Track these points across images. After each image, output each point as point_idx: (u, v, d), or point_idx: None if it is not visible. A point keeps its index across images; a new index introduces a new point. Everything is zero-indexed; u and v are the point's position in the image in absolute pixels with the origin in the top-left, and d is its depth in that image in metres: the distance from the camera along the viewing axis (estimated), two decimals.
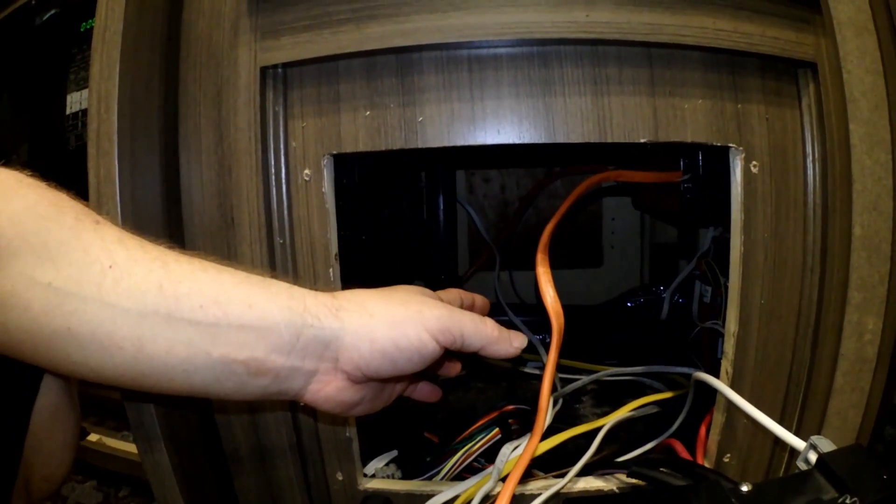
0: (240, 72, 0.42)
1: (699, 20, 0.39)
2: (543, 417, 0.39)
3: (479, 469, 0.48)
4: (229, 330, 0.29)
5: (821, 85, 0.41)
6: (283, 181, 0.43)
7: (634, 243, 0.94)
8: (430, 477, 0.48)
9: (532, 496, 0.42)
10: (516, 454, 0.44)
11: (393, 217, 0.72)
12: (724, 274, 0.54)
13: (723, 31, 0.40)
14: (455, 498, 0.43)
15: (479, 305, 0.43)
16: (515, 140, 0.41)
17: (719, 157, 0.44)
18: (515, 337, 0.37)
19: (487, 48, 0.41)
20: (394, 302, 0.34)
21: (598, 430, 0.48)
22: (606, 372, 0.66)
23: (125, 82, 0.41)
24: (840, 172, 0.41)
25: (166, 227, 0.43)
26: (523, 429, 0.50)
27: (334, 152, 0.42)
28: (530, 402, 0.51)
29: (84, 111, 0.62)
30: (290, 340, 0.31)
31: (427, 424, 0.57)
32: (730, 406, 0.43)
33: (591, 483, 0.45)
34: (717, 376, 0.45)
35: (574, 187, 0.49)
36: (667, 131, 0.41)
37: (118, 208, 0.40)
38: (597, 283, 0.93)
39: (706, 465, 0.46)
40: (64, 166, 0.63)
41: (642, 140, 0.41)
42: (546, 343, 0.63)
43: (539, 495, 0.42)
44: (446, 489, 0.44)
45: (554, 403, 0.57)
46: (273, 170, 0.43)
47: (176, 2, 0.44)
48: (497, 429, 0.49)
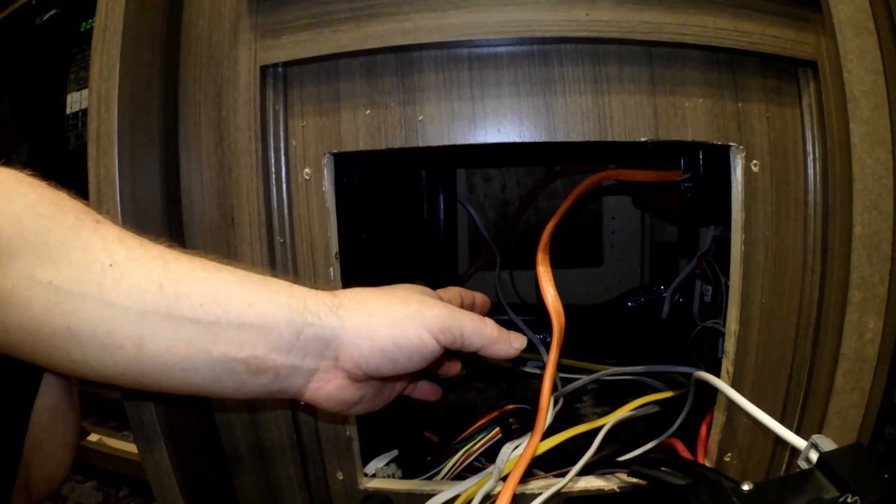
0: (240, 71, 0.42)
1: (699, 19, 0.39)
2: (544, 417, 0.39)
3: (480, 468, 0.48)
4: (229, 328, 0.29)
5: (821, 84, 0.41)
6: (284, 180, 0.43)
7: (635, 242, 0.94)
8: (431, 476, 0.48)
9: (532, 495, 0.42)
10: (517, 454, 0.44)
11: (393, 216, 0.72)
12: (725, 273, 0.54)
13: (723, 30, 0.40)
14: (455, 497, 0.43)
15: (480, 304, 0.43)
16: (516, 139, 0.41)
17: (720, 156, 0.44)
18: (515, 337, 0.37)
19: (488, 47, 0.41)
20: (394, 301, 0.34)
21: (599, 430, 0.48)
22: (607, 371, 0.66)
23: (125, 82, 0.41)
24: (840, 171, 0.41)
25: (166, 227, 0.43)
26: (524, 428, 0.50)
27: (334, 151, 0.42)
28: (531, 402, 0.51)
29: (84, 111, 0.62)
30: (291, 339, 0.31)
31: (427, 424, 0.57)
32: (730, 405, 0.43)
33: (592, 482, 0.45)
34: (718, 375, 0.44)
35: (574, 186, 0.49)
36: (667, 130, 0.41)
37: (118, 208, 0.40)
38: (597, 283, 0.93)
39: (707, 465, 0.45)
40: (64, 166, 0.63)
41: (643, 139, 0.41)
42: (546, 342, 0.63)
43: (539, 495, 0.42)
44: (447, 489, 0.44)
45: (554, 403, 0.57)
46: (273, 169, 0.43)
47: (176, 1, 0.44)
48: (497, 428, 0.49)
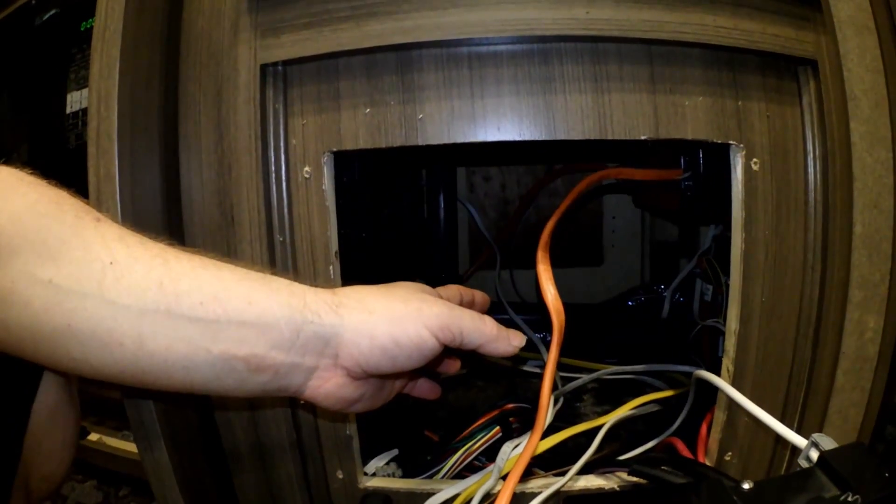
0: (240, 70, 0.42)
1: (699, 17, 0.39)
2: (544, 415, 0.39)
3: (480, 467, 0.48)
4: (229, 326, 0.29)
5: (821, 83, 0.41)
6: (284, 179, 0.43)
7: (635, 242, 0.94)
8: (431, 475, 0.48)
9: (532, 494, 0.42)
10: (517, 452, 0.44)
11: (393, 215, 0.72)
12: (725, 272, 0.54)
13: (723, 29, 0.40)
14: (455, 496, 0.43)
15: (479, 302, 0.43)
16: (516, 137, 0.41)
17: (720, 155, 0.44)
18: (514, 336, 0.37)
19: (487, 45, 0.41)
20: (393, 298, 0.34)
21: (599, 429, 0.48)
22: (607, 370, 0.66)
23: (125, 81, 0.41)
24: (841, 170, 0.41)
25: (166, 226, 0.43)
26: (524, 427, 0.50)
27: (334, 150, 0.42)
28: (531, 401, 0.51)
29: (84, 110, 0.62)
30: (291, 337, 0.31)
31: (427, 423, 0.57)
32: (731, 404, 0.43)
33: (592, 481, 0.45)
34: (719, 374, 0.44)
35: (575, 185, 0.49)
36: (667, 128, 0.41)
37: (118, 206, 0.40)
38: (597, 282, 0.93)
39: (707, 464, 0.45)
40: (64, 165, 0.63)
41: (643, 137, 0.40)
42: (547, 341, 0.63)
43: (539, 493, 0.42)
44: (447, 487, 0.44)
45: (555, 402, 0.57)
46: (273, 168, 0.43)
47: (176, 1, 0.44)
48: (498, 427, 0.49)
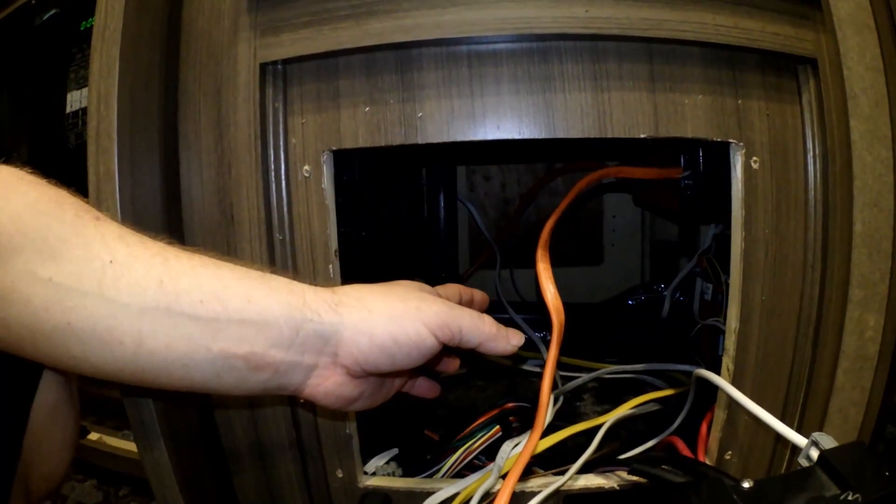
0: (239, 69, 0.42)
1: (699, 16, 0.39)
2: (544, 414, 0.39)
3: (480, 466, 0.48)
4: (229, 325, 0.29)
5: (821, 81, 0.41)
6: (283, 178, 0.43)
7: (635, 241, 0.94)
8: (431, 475, 0.48)
9: (532, 493, 0.42)
10: (517, 451, 0.44)
11: (393, 215, 0.72)
12: (725, 271, 0.54)
13: (722, 27, 0.39)
14: (455, 495, 0.43)
15: (479, 301, 0.43)
16: (515, 136, 0.41)
17: (720, 153, 0.44)
18: (513, 334, 0.37)
19: (487, 44, 0.41)
20: (393, 297, 0.34)
21: (599, 428, 0.48)
22: (607, 370, 0.66)
23: (125, 80, 0.41)
24: (841, 169, 0.41)
25: (166, 225, 0.43)
26: (524, 426, 0.50)
27: (334, 148, 0.42)
28: (531, 400, 0.51)
29: (84, 109, 0.62)
30: (290, 335, 0.31)
31: (427, 422, 0.57)
32: (731, 403, 0.43)
33: (592, 480, 0.45)
34: (719, 373, 0.44)
35: (575, 184, 0.49)
36: (667, 127, 0.41)
37: (118, 205, 0.40)
38: (597, 281, 0.93)
39: (707, 463, 0.45)
40: (64, 164, 0.63)
41: (642, 135, 0.40)
42: (547, 340, 0.63)
43: (539, 492, 0.42)
44: (446, 486, 0.44)
45: (555, 401, 0.57)
46: (273, 166, 0.43)
47: (175, 0, 0.44)
48: (497, 426, 0.49)
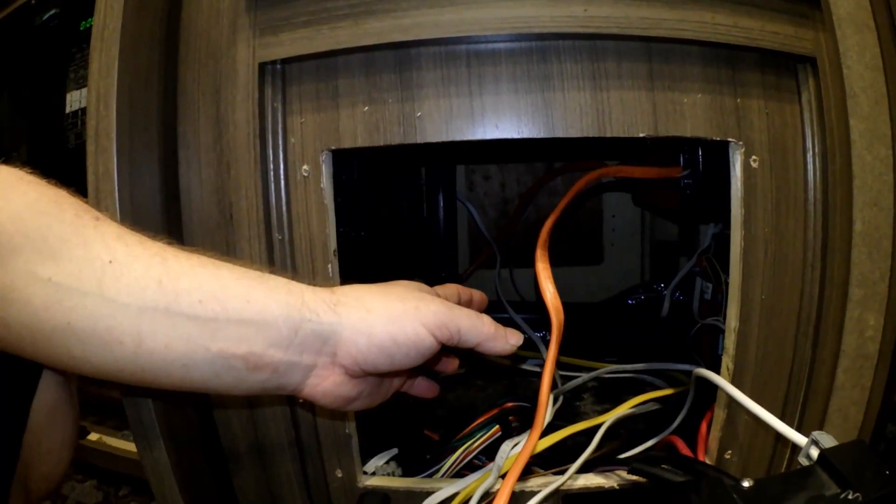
0: (238, 68, 0.42)
1: (698, 14, 0.39)
2: (543, 413, 0.39)
3: (480, 466, 0.48)
4: (228, 325, 0.29)
5: (821, 80, 0.41)
6: (282, 177, 0.43)
7: (635, 240, 0.94)
8: (430, 474, 0.48)
9: (532, 493, 0.42)
10: (516, 451, 0.44)
11: (392, 214, 0.72)
12: (725, 270, 0.54)
13: (722, 26, 0.39)
14: (455, 495, 0.43)
15: (477, 301, 0.43)
16: (514, 135, 0.41)
17: (719, 152, 0.44)
18: (512, 334, 0.37)
19: (486, 43, 0.41)
20: (391, 297, 0.34)
21: (599, 427, 0.48)
22: (607, 369, 0.66)
23: (124, 80, 0.41)
24: (840, 168, 0.41)
25: (165, 224, 0.43)
26: (523, 426, 0.50)
27: (333, 148, 0.42)
28: (530, 400, 0.51)
29: (84, 109, 0.62)
30: (289, 335, 0.31)
31: (427, 422, 0.57)
32: (731, 402, 0.43)
33: (592, 480, 0.45)
34: (718, 373, 0.44)
35: (574, 184, 0.48)
36: (666, 126, 0.41)
37: (117, 205, 0.40)
38: (597, 281, 0.93)
39: (707, 462, 0.45)
40: (64, 164, 0.63)
41: (641, 135, 0.40)
42: (546, 340, 0.63)
43: (539, 492, 0.42)
44: (446, 486, 0.44)
45: (554, 401, 0.57)
46: (272, 166, 0.43)
47: (175, 0, 0.44)
48: (497, 426, 0.49)
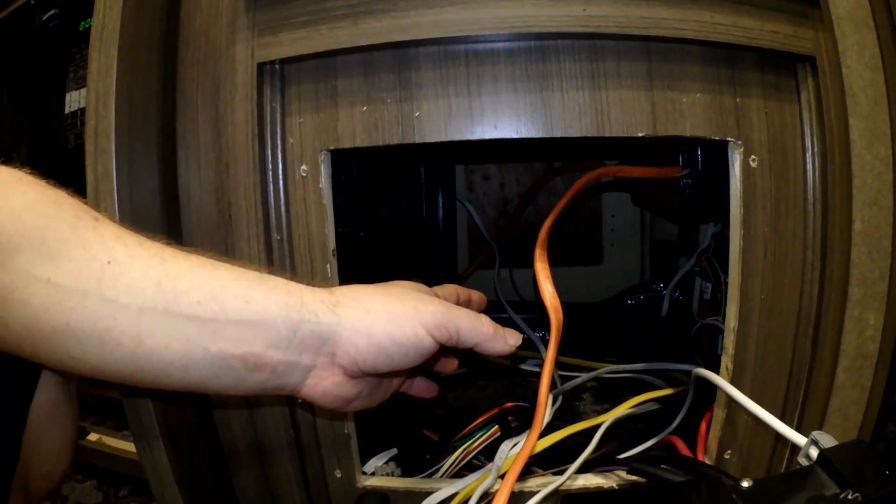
0: (237, 68, 0.42)
1: (697, 14, 0.39)
2: (542, 413, 0.39)
3: (479, 466, 0.48)
4: (227, 325, 0.29)
5: (820, 80, 0.41)
6: (281, 177, 0.43)
7: (634, 240, 0.94)
8: (430, 474, 0.48)
9: (531, 493, 0.42)
10: (516, 451, 0.44)
11: (392, 214, 0.72)
12: (725, 270, 0.53)
13: (721, 25, 0.39)
14: (454, 495, 0.43)
15: (476, 301, 0.43)
16: (513, 135, 0.41)
17: (718, 152, 0.44)
18: (511, 334, 0.37)
19: (485, 43, 0.40)
20: (390, 297, 0.34)
21: (598, 427, 0.47)
22: (606, 369, 0.66)
23: (123, 80, 0.41)
24: (840, 167, 0.41)
25: (164, 224, 0.43)
26: (523, 426, 0.50)
27: (331, 148, 0.42)
28: (530, 400, 0.51)
29: (83, 110, 0.62)
30: (288, 335, 0.31)
31: (426, 422, 0.57)
32: (730, 402, 0.43)
33: (591, 480, 0.45)
34: (718, 373, 0.44)
35: (573, 184, 0.48)
36: (665, 125, 0.41)
37: (116, 205, 0.40)
38: (597, 281, 0.93)
39: (707, 462, 0.45)
40: (63, 165, 0.63)
41: (640, 134, 0.40)
42: (545, 340, 0.63)
43: (538, 492, 0.42)
44: (445, 486, 0.44)
45: (554, 401, 0.57)
46: (270, 166, 0.43)
47: (173, 0, 0.44)
48: (496, 426, 0.49)
